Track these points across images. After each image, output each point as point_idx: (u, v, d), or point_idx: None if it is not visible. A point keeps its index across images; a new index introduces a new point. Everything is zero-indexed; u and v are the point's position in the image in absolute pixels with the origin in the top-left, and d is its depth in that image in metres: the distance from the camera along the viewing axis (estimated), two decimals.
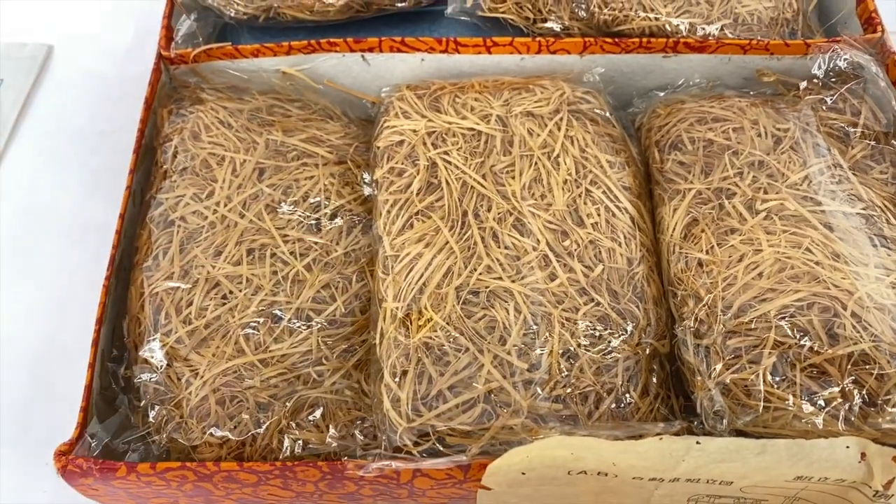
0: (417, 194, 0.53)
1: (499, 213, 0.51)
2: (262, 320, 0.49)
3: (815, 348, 0.44)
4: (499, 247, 0.50)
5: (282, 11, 0.62)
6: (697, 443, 0.39)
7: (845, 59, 0.58)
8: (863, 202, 0.52)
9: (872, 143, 0.55)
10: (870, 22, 0.61)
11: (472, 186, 0.53)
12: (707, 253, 0.49)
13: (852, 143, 0.56)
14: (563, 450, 0.40)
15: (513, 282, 0.48)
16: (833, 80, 0.59)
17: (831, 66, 0.59)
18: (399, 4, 0.62)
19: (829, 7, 0.67)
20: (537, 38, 0.59)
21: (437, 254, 0.49)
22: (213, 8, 0.63)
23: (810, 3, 0.65)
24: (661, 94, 0.62)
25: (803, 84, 0.58)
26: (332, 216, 0.55)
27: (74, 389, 0.47)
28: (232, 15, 0.63)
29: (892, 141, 0.56)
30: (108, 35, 0.78)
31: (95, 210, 0.65)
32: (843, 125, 0.56)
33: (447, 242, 0.49)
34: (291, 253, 0.53)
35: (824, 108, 0.57)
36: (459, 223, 0.51)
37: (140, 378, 0.49)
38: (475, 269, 0.48)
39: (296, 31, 0.65)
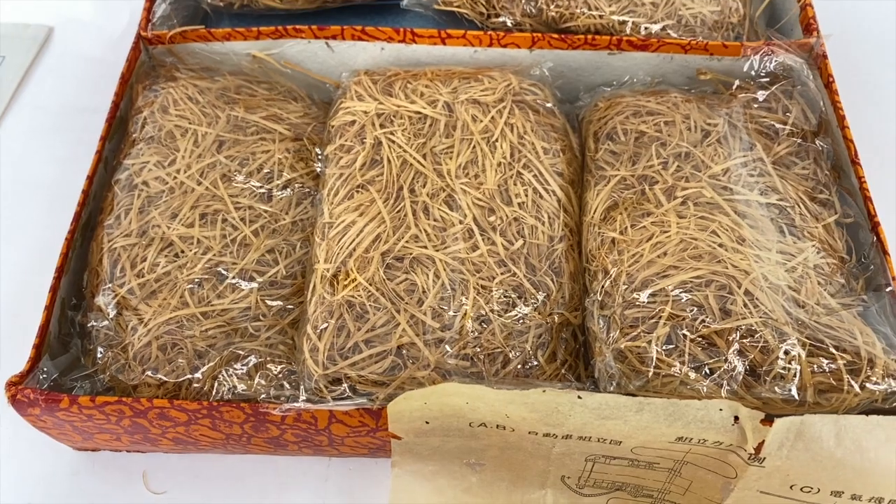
0: (360, 169, 0.57)
1: (433, 189, 0.55)
2: (207, 277, 0.54)
3: (707, 322, 0.47)
4: (428, 219, 0.53)
5: (254, 0, 0.66)
6: (579, 397, 0.43)
7: (777, 62, 0.61)
8: (779, 194, 0.55)
9: (799, 140, 0.58)
10: (808, 28, 0.64)
11: (410, 164, 0.56)
12: (621, 233, 0.52)
13: (779, 140, 0.58)
14: (458, 397, 0.44)
15: (436, 250, 0.52)
16: (766, 80, 0.62)
17: (764, 67, 0.62)
18: None
19: (778, 13, 0.71)
20: (489, 32, 0.63)
21: (370, 222, 0.53)
22: None
23: (758, 9, 0.68)
24: (608, 89, 0.66)
25: (736, 83, 0.62)
26: (284, 187, 0.59)
27: None
28: (209, 1, 0.67)
29: (817, 140, 0.59)
30: (105, 20, 0.83)
31: (80, 179, 0.70)
32: (772, 123, 0.59)
33: (380, 212, 0.53)
34: (242, 219, 0.57)
35: (756, 106, 0.60)
36: (394, 196, 0.55)
37: (92, 324, 0.53)
38: (402, 238, 0.52)
39: (269, 19, 0.70)
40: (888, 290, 0.51)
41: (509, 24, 0.65)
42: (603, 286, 0.50)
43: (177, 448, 0.54)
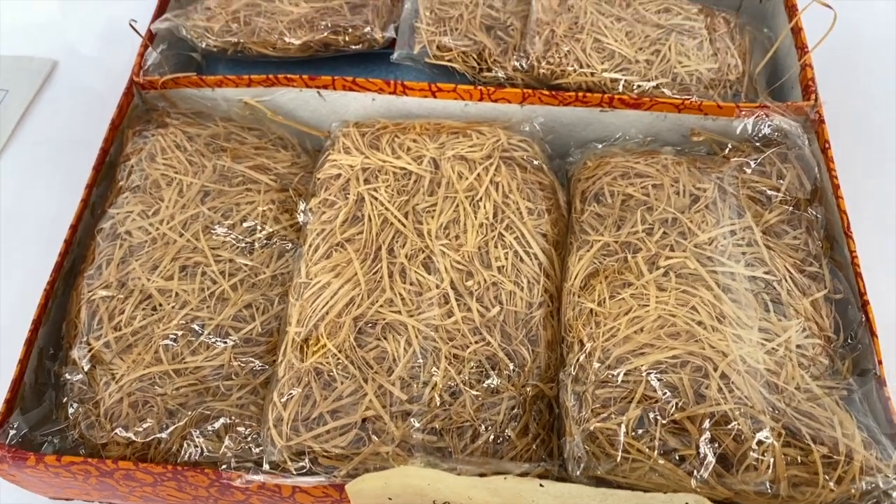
0: (341, 225, 0.56)
1: (412, 250, 0.54)
2: (181, 333, 0.53)
3: (680, 405, 0.45)
4: (404, 282, 0.53)
5: (247, 47, 0.67)
6: (541, 485, 0.42)
7: (771, 125, 0.60)
8: (765, 266, 0.53)
9: (791, 208, 0.57)
10: (807, 89, 0.63)
11: (391, 223, 0.56)
12: (599, 304, 0.51)
13: (771, 207, 0.57)
14: (418, 479, 0.43)
15: (410, 316, 0.51)
16: (761, 143, 0.60)
17: (758, 129, 0.60)
18: (354, 47, 0.66)
19: (779, 69, 0.69)
20: (479, 87, 0.62)
21: (345, 284, 0.52)
22: (186, 40, 0.68)
23: (757, 66, 0.67)
24: (599, 146, 0.65)
25: (730, 145, 0.60)
26: (266, 240, 0.59)
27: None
28: (203, 47, 0.68)
29: (810, 209, 0.57)
30: (109, 55, 0.84)
31: (69, 217, 0.71)
32: (764, 188, 0.58)
33: (356, 274, 0.53)
34: (221, 272, 0.57)
35: (748, 170, 0.59)
36: (372, 257, 0.54)
37: (66, 377, 0.53)
38: (376, 302, 0.51)
39: (264, 65, 0.70)
40: (874, 374, 0.49)
41: (501, 77, 0.64)
42: (578, 360, 0.49)
43: None
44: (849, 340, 0.52)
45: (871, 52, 0.81)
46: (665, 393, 0.46)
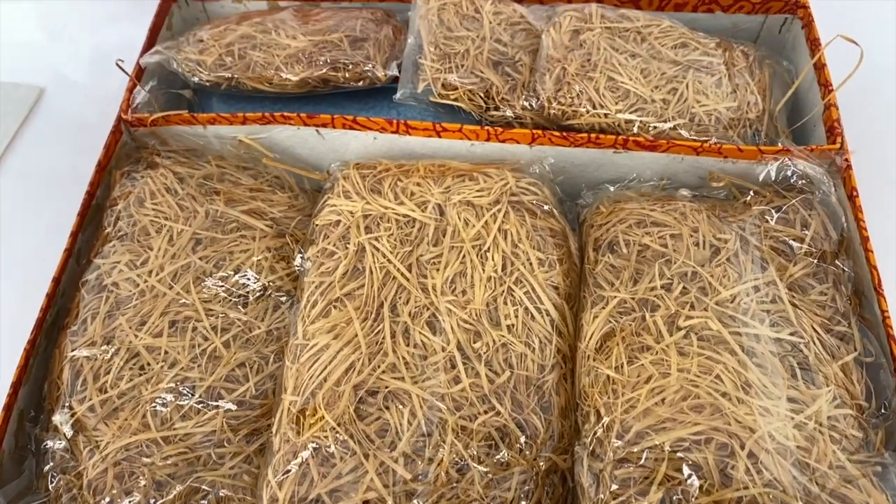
0: (341, 279, 0.53)
1: (416, 307, 0.51)
2: (171, 397, 0.50)
3: (706, 487, 0.42)
4: (408, 344, 0.49)
5: (242, 82, 0.63)
6: None
7: (796, 170, 0.57)
8: (791, 327, 0.50)
9: (816, 260, 0.54)
10: (832, 131, 0.60)
11: (394, 276, 0.53)
12: (616, 370, 0.48)
13: (796, 259, 0.54)
14: None
15: (414, 383, 0.48)
16: (783, 189, 0.57)
17: (781, 175, 0.57)
18: (354, 84, 0.63)
19: (800, 105, 0.66)
20: (486, 127, 0.59)
21: (344, 346, 0.49)
22: (178, 74, 0.65)
23: (778, 104, 0.63)
24: (612, 188, 0.61)
25: (751, 193, 0.57)
26: (261, 292, 0.56)
27: None
28: (196, 81, 0.64)
29: (837, 261, 0.54)
30: (97, 82, 0.81)
31: (55, 259, 0.67)
32: (788, 238, 0.55)
33: (356, 336, 0.50)
34: (213, 328, 0.53)
35: (771, 219, 0.55)
36: (374, 315, 0.51)
37: (48, 444, 0.50)
38: (378, 367, 0.48)
39: (260, 99, 0.67)
40: None
41: (509, 116, 0.61)
42: (595, 433, 0.46)
43: None
44: (882, 410, 0.48)
45: None
46: (689, 474, 0.42)
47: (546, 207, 0.58)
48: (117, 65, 0.58)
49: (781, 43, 0.70)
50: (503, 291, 0.52)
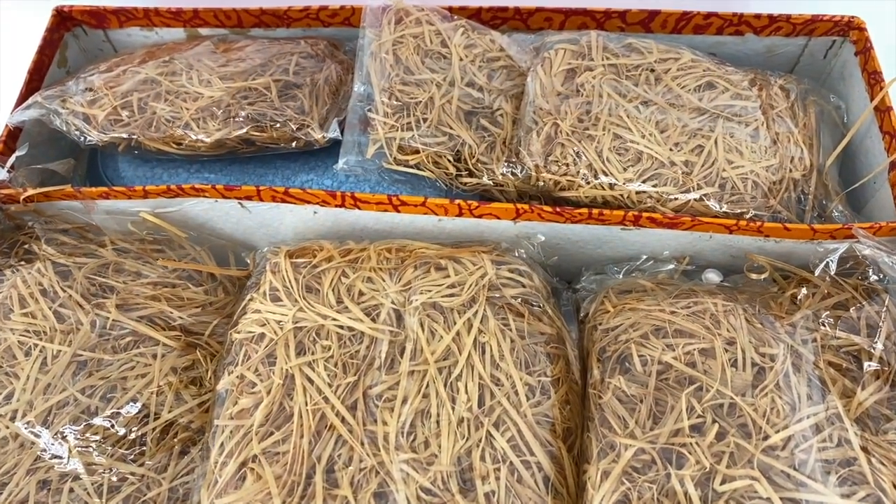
0: (260, 426, 0.40)
1: (360, 470, 0.38)
2: None
3: None
4: None
5: (143, 143, 0.49)
6: None
7: (860, 256, 0.43)
8: (866, 485, 0.37)
9: (890, 384, 0.41)
10: None
11: (331, 424, 0.39)
12: None
13: (864, 381, 0.41)
14: None
15: None
16: (840, 276, 0.44)
17: (840, 263, 0.44)
18: (286, 145, 0.49)
19: (854, 153, 0.52)
20: (457, 202, 0.45)
21: None
22: (64, 133, 0.50)
23: (829, 158, 0.50)
24: (619, 272, 0.48)
25: (803, 290, 0.44)
26: (162, 434, 0.42)
27: None
28: (86, 142, 0.50)
29: None
30: None
31: None
32: (852, 350, 0.42)
33: None
34: (98, 488, 0.40)
35: (828, 323, 0.42)
36: (301, 486, 0.38)
37: None
38: None
39: (177, 161, 0.53)
40: None
41: (487, 183, 0.47)
42: None
43: None
44: None
45: None
46: None
47: (536, 304, 0.45)
48: None
49: (826, 71, 0.57)
50: (479, 440, 0.39)
